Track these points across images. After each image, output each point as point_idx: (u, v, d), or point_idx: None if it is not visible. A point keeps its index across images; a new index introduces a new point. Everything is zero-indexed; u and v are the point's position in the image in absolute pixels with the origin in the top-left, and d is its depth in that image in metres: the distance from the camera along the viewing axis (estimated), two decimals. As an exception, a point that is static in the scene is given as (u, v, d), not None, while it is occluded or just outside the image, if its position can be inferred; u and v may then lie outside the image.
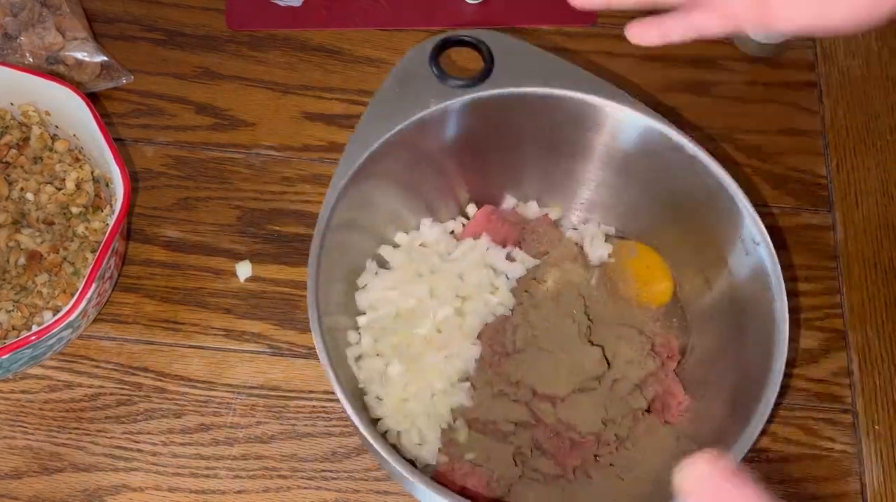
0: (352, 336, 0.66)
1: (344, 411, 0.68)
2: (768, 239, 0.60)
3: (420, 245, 0.69)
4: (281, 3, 0.84)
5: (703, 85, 0.81)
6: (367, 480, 0.66)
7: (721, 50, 0.83)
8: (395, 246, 0.69)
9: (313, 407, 0.68)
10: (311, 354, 0.70)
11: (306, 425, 0.68)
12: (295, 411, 0.68)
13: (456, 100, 0.63)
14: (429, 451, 0.62)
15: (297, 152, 0.78)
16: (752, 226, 0.61)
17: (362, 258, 0.68)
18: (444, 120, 0.64)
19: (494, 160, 0.69)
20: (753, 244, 0.61)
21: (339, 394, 0.56)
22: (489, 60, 0.64)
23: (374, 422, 0.62)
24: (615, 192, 0.70)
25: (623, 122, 0.64)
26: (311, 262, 0.59)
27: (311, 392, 0.69)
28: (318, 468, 0.66)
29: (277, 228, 0.75)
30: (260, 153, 0.78)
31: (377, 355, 0.65)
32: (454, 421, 0.63)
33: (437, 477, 0.61)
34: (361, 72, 0.81)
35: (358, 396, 0.63)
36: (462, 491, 0.59)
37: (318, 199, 0.75)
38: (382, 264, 0.68)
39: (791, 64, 0.83)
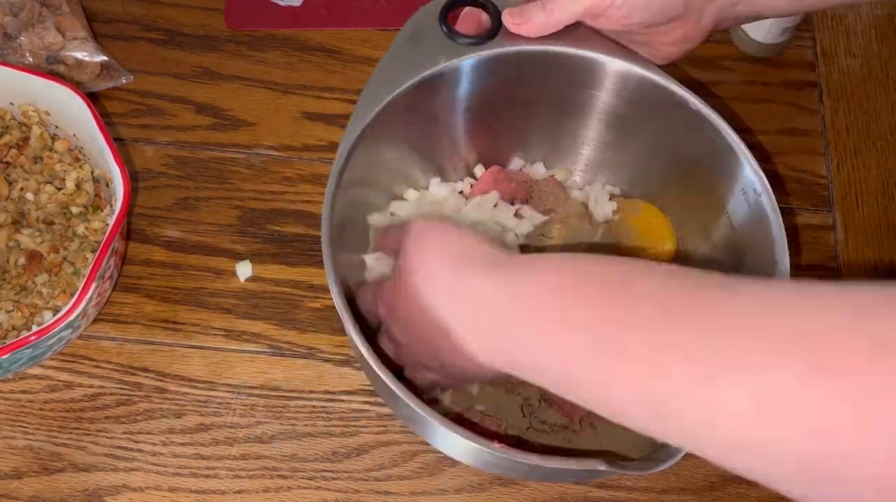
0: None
1: (344, 411, 0.68)
2: (769, 187, 0.60)
3: (430, 203, 0.70)
4: (281, 3, 0.84)
5: (703, 85, 0.81)
6: (367, 480, 0.66)
7: (721, 50, 0.83)
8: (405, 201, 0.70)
9: (313, 407, 0.68)
10: (311, 354, 0.70)
11: (306, 425, 0.68)
12: (295, 411, 0.68)
13: (464, 57, 0.63)
14: (441, 402, 0.64)
15: (297, 152, 0.78)
16: (753, 176, 0.61)
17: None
18: (454, 78, 0.64)
19: (502, 121, 0.69)
20: (755, 194, 0.61)
21: (351, 330, 0.55)
22: (496, 19, 0.64)
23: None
24: (619, 152, 0.70)
25: (627, 78, 0.64)
26: (326, 210, 0.58)
27: (311, 392, 0.69)
28: (318, 468, 0.66)
29: (278, 228, 0.75)
30: (260, 153, 0.78)
31: None
32: None
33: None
34: (361, 72, 0.81)
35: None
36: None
37: (318, 199, 0.75)
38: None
39: (791, 64, 0.83)
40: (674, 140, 0.66)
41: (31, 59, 0.76)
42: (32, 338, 0.59)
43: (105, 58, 0.77)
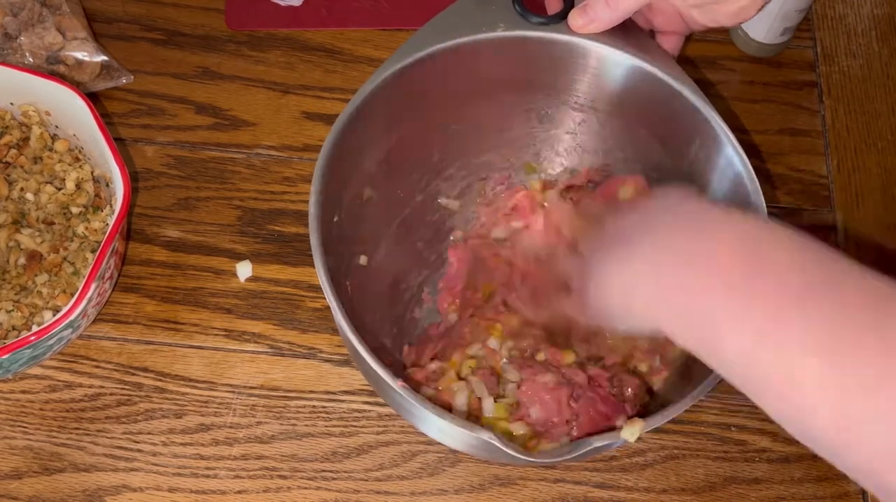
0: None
1: (344, 411, 0.68)
2: (748, 164, 0.61)
3: None
4: (281, 3, 0.84)
5: (703, 85, 0.81)
6: (367, 480, 0.66)
7: (721, 50, 0.83)
8: None
9: (313, 407, 0.68)
10: (311, 354, 0.70)
11: (306, 425, 0.68)
12: (295, 411, 0.68)
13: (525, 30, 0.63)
14: None
15: (297, 152, 0.78)
16: (733, 153, 0.61)
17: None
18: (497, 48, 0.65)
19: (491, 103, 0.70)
20: (733, 169, 0.61)
21: (337, 312, 0.56)
22: (569, 2, 0.64)
23: None
24: (602, 135, 0.71)
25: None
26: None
27: (311, 392, 0.69)
28: (318, 468, 0.66)
29: (278, 228, 0.75)
30: (260, 153, 0.78)
31: None
32: None
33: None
34: (361, 72, 0.81)
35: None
36: None
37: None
38: None
39: (791, 64, 0.83)
40: (657, 123, 0.66)
41: (31, 59, 0.76)
42: (32, 338, 0.59)
43: (105, 58, 0.77)
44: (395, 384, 0.53)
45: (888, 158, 0.79)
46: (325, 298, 0.71)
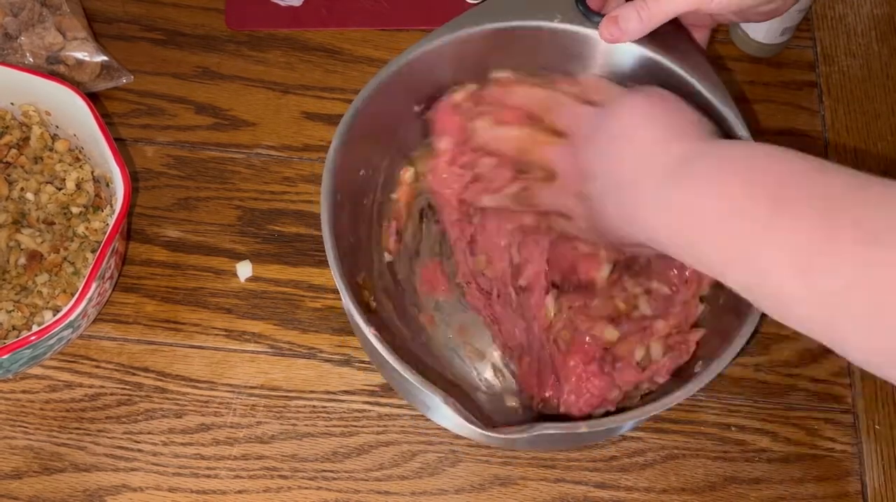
0: None
1: (345, 411, 0.68)
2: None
3: None
4: (281, 3, 0.84)
5: (704, 85, 0.81)
6: (367, 480, 0.66)
7: (721, 50, 0.83)
8: None
9: (314, 407, 0.68)
10: (311, 354, 0.70)
11: (307, 425, 0.68)
12: (295, 411, 0.68)
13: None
14: None
15: (297, 152, 0.78)
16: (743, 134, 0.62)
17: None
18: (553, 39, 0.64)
19: None
20: None
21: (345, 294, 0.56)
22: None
23: None
24: None
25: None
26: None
27: (311, 392, 0.69)
28: (318, 468, 0.66)
29: (278, 228, 0.75)
30: (260, 153, 0.78)
31: None
32: None
33: None
34: (361, 72, 0.81)
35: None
36: None
37: (318, 200, 0.74)
38: None
39: (791, 64, 0.83)
40: None
41: (31, 60, 0.76)
42: (32, 338, 0.59)
43: (105, 58, 0.77)
44: (398, 365, 0.54)
45: (888, 158, 0.79)
46: (325, 298, 0.72)
